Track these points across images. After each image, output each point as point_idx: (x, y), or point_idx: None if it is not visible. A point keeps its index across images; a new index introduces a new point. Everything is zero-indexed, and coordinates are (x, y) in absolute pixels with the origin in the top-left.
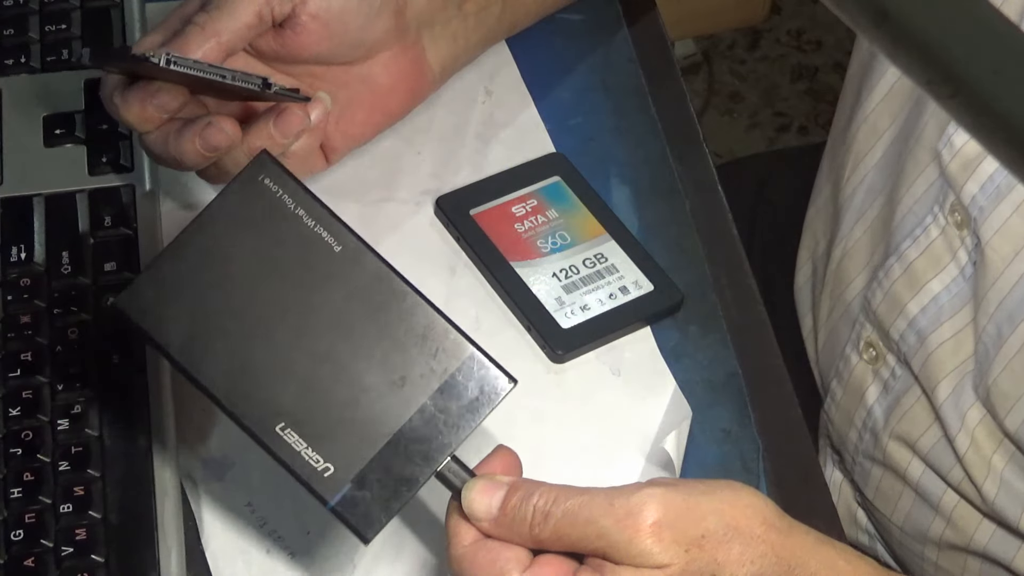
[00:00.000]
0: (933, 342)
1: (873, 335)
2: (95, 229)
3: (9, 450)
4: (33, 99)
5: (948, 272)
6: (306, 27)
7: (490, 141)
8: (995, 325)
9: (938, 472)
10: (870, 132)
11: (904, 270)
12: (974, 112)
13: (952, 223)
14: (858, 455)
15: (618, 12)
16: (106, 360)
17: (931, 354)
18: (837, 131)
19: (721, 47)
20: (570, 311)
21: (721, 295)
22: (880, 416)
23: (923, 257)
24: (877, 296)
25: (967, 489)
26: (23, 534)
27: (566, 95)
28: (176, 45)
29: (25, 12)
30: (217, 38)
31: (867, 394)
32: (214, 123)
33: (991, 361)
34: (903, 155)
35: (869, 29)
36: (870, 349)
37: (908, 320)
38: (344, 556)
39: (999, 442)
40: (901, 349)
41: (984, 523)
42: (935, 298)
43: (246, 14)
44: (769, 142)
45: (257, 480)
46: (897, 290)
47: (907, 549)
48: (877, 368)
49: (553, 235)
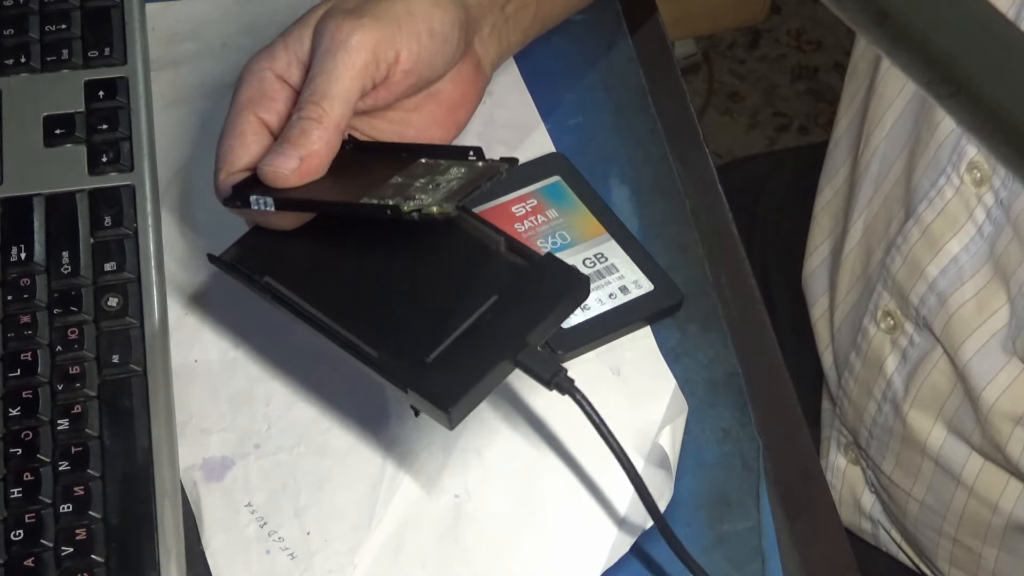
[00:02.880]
0: (955, 303)
1: (891, 304)
2: (95, 229)
3: (9, 450)
4: (33, 99)
5: (966, 231)
6: (399, 83)
7: (490, 141)
8: None
9: (960, 435)
10: (878, 102)
11: (922, 233)
12: (974, 112)
13: (970, 181)
14: (876, 428)
15: (618, 12)
16: (106, 360)
17: (953, 315)
18: (853, 109)
19: (721, 47)
20: None
21: (721, 295)
22: (900, 386)
23: (940, 218)
24: (896, 262)
25: (990, 451)
26: (23, 534)
27: (566, 95)
28: (300, 146)
29: (25, 12)
30: (337, 127)
31: (886, 364)
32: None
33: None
34: (918, 121)
35: (869, 29)
36: (888, 319)
37: (928, 283)
38: (344, 556)
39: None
40: (921, 313)
41: (1010, 485)
42: (954, 259)
43: (354, 94)
44: (769, 142)
45: (257, 480)
46: (916, 254)
47: (924, 526)
48: (895, 337)
49: (553, 235)
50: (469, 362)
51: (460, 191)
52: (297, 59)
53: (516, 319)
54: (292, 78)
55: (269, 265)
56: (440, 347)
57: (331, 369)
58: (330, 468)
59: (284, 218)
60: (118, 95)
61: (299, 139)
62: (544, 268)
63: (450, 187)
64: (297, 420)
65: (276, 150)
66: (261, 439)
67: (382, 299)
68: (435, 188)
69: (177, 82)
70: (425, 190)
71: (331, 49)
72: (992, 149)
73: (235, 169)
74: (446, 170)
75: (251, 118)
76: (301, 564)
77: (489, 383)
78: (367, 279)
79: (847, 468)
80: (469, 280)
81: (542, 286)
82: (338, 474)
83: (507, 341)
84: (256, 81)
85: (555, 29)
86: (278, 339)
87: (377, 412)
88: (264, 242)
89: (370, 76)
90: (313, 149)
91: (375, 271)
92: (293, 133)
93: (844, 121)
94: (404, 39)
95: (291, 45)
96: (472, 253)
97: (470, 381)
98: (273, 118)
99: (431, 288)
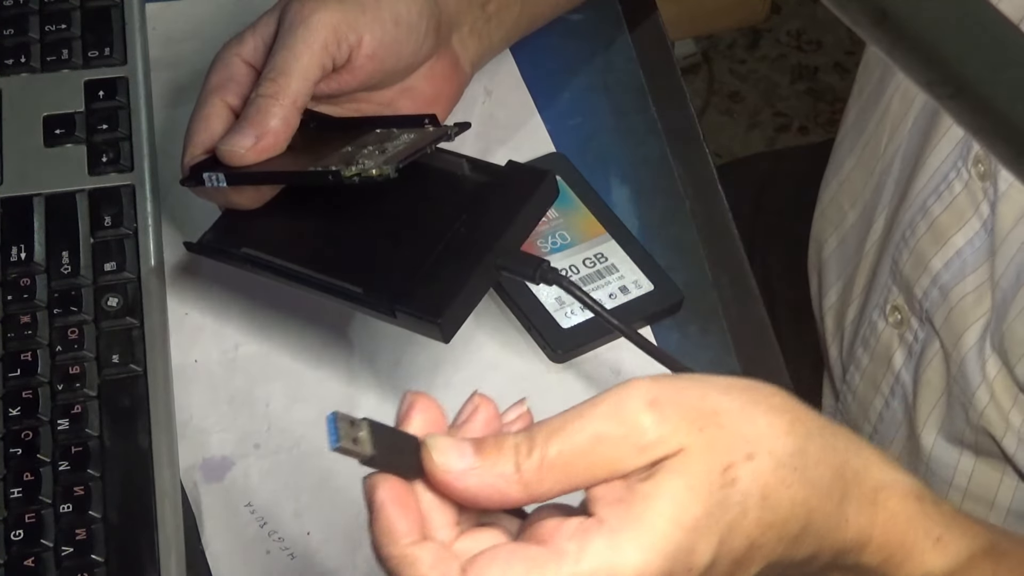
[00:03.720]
0: (955, 296)
1: (899, 299)
2: (95, 229)
3: (9, 450)
4: (33, 99)
5: (971, 226)
6: (363, 67)
7: (490, 141)
8: (1014, 269)
9: (951, 438)
10: (903, 98)
11: (929, 226)
12: (974, 112)
13: (976, 175)
14: (880, 424)
15: (618, 12)
16: (106, 360)
17: (953, 308)
18: (862, 102)
19: (721, 47)
20: (570, 311)
21: (721, 295)
22: (908, 381)
23: (947, 212)
24: (904, 255)
25: (986, 445)
26: (23, 534)
27: (566, 95)
28: (256, 124)
29: (25, 12)
30: (294, 103)
31: (894, 359)
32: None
33: (1008, 306)
34: (933, 117)
35: (869, 29)
36: (896, 313)
37: (932, 276)
38: (345, 557)
39: (1015, 398)
40: (924, 307)
41: (1005, 479)
42: (958, 252)
43: (313, 71)
44: (769, 142)
45: (257, 481)
46: (922, 247)
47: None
48: (902, 332)
49: (553, 235)
50: (450, 274)
51: (403, 152)
52: (264, 43)
53: (489, 227)
54: (259, 62)
55: (245, 238)
56: (420, 269)
57: (331, 369)
58: (330, 468)
59: (243, 195)
60: (118, 95)
61: (255, 117)
62: (510, 176)
63: (396, 150)
64: (297, 420)
65: (233, 129)
66: (261, 439)
67: (360, 245)
68: (381, 153)
69: (177, 82)
70: (372, 156)
71: (292, 27)
72: (992, 149)
73: (198, 152)
74: (397, 136)
75: (216, 101)
76: (301, 564)
77: (474, 290)
78: (343, 230)
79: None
80: (439, 207)
81: (510, 193)
82: (338, 474)
83: (484, 247)
84: (223, 67)
85: (555, 29)
86: (278, 339)
87: (377, 412)
88: (236, 221)
89: (330, 55)
90: (270, 126)
91: (350, 222)
92: (251, 111)
93: (853, 114)
94: (368, 23)
95: (259, 30)
96: (438, 184)
97: (455, 290)
98: (238, 101)
99: (405, 225)
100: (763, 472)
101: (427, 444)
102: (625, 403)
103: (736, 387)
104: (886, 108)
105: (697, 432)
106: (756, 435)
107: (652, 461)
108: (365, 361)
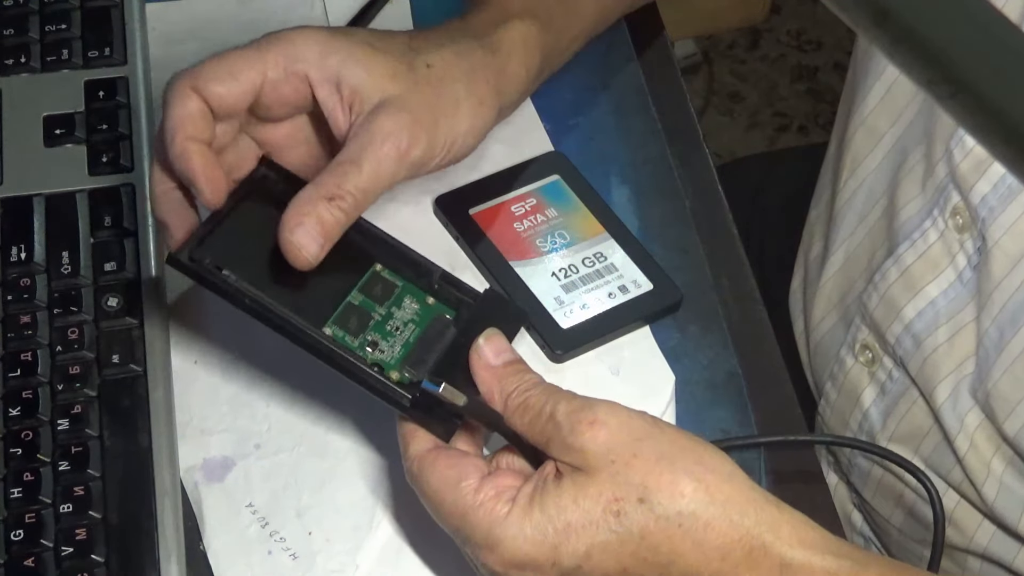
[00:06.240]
0: (929, 346)
1: (869, 338)
2: (95, 229)
3: (9, 450)
4: (33, 99)
5: (946, 277)
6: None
7: (489, 140)
8: (997, 328)
9: (938, 473)
10: (868, 134)
11: (901, 274)
12: (974, 112)
13: (952, 227)
14: (855, 457)
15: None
16: (106, 360)
17: (927, 358)
18: (837, 135)
19: (721, 47)
20: (569, 310)
21: (721, 295)
22: (877, 419)
23: (920, 261)
24: (873, 299)
25: (967, 490)
26: (23, 534)
27: (566, 95)
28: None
29: (25, 12)
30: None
31: (863, 396)
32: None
33: (991, 364)
34: (905, 158)
35: (869, 29)
36: (866, 351)
37: (904, 324)
38: (346, 556)
39: (997, 446)
40: (897, 352)
41: (984, 524)
42: (932, 302)
43: (387, 173)
44: (769, 142)
45: (258, 481)
46: (893, 294)
47: (906, 550)
48: (873, 371)
49: (552, 234)
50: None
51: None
52: (251, 90)
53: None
54: (237, 111)
55: (233, 262)
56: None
57: (331, 369)
58: (331, 468)
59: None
60: (118, 95)
61: (330, 226)
62: (484, 301)
63: (404, 339)
64: (297, 420)
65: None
66: (261, 439)
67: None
68: (393, 333)
69: None
70: (385, 331)
71: (387, 155)
72: (992, 149)
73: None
74: (400, 299)
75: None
76: (303, 564)
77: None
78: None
79: (837, 484)
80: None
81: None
82: (339, 474)
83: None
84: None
85: None
86: (279, 338)
87: (377, 412)
88: (220, 233)
89: (403, 176)
90: (331, 236)
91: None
92: (326, 216)
93: (832, 147)
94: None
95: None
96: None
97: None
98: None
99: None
100: (647, 517)
101: (486, 333)
102: (583, 411)
103: (678, 445)
104: (850, 141)
105: (609, 463)
106: (655, 487)
107: (570, 462)
108: None
